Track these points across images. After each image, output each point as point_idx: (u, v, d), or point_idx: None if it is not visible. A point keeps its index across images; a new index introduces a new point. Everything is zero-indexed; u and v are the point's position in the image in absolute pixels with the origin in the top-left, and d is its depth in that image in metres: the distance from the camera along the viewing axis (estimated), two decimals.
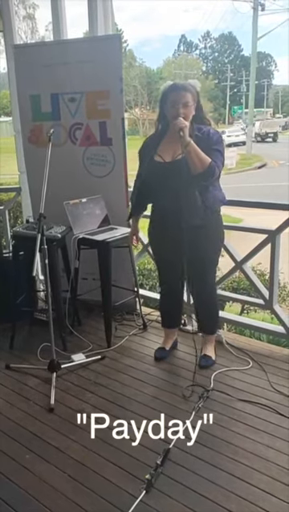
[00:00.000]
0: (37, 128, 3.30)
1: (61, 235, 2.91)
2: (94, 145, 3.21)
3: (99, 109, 3.13)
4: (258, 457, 2.03)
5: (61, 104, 3.20)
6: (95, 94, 3.11)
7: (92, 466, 2.01)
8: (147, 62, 66.09)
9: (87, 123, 3.19)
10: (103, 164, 3.22)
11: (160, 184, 2.48)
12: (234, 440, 2.14)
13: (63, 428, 2.25)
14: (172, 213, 2.48)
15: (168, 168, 2.44)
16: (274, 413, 2.31)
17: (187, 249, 2.47)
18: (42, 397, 2.49)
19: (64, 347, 2.95)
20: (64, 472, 1.98)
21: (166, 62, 45.60)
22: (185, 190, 2.40)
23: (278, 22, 52.54)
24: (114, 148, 3.17)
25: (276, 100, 52.43)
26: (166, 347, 2.90)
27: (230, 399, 2.43)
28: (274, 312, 2.94)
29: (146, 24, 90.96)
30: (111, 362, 2.84)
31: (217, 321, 2.88)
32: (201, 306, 2.84)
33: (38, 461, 2.05)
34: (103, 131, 3.16)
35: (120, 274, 3.24)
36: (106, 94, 3.08)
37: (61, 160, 3.12)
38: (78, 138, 3.24)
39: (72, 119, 3.21)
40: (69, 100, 3.17)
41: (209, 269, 2.68)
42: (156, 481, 1.89)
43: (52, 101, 3.20)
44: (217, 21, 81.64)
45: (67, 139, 3.25)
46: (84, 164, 3.27)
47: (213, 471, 1.96)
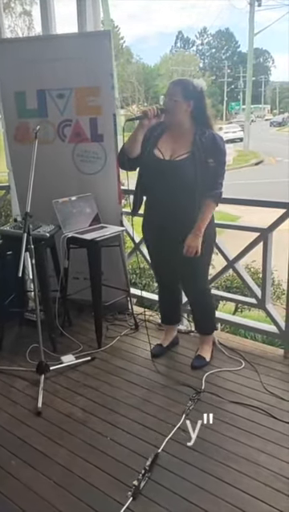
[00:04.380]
0: (22, 126, 3.22)
1: (49, 234, 2.85)
2: (84, 142, 3.15)
3: (89, 105, 3.06)
4: (249, 462, 1.98)
5: (48, 101, 3.13)
6: (84, 90, 3.05)
7: (79, 472, 1.96)
8: (144, 58, 65.78)
9: (77, 120, 3.12)
10: (94, 160, 3.16)
11: (156, 180, 2.42)
12: (225, 443, 2.09)
13: (50, 433, 2.20)
14: (166, 212, 2.44)
15: (166, 165, 2.39)
16: (266, 416, 2.26)
17: (176, 250, 2.44)
18: (30, 400, 2.44)
19: (54, 348, 2.90)
20: (50, 478, 1.93)
21: (163, 58, 45.33)
22: (180, 191, 2.37)
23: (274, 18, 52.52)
24: (105, 144, 3.11)
25: (273, 96, 52.27)
26: (164, 344, 2.86)
27: (222, 401, 2.38)
28: (266, 311, 2.89)
29: (143, 21, 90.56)
30: (102, 363, 2.79)
31: (213, 322, 2.83)
32: (195, 306, 2.79)
33: (24, 468, 2.00)
34: (93, 127, 3.10)
35: (112, 273, 3.19)
36: (96, 90, 3.02)
37: (50, 157, 3.07)
38: (67, 135, 3.18)
39: (61, 116, 3.14)
40: (57, 97, 3.10)
41: (201, 269, 2.63)
42: (143, 488, 1.85)
43: (38, 98, 3.13)
44: (214, 17, 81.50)
45: (55, 136, 3.19)
46: (74, 161, 3.20)
47: (202, 476, 1.91)
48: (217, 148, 2.38)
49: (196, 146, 2.34)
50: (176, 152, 2.39)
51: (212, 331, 2.80)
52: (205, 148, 2.34)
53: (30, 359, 2.79)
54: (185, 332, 3.09)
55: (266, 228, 2.76)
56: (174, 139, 2.41)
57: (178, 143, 2.39)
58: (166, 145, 2.42)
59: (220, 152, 2.39)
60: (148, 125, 2.38)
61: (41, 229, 2.85)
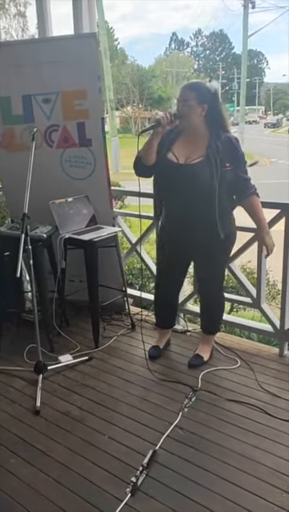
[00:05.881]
0: (8, 132, 3.17)
1: (47, 235, 2.87)
2: (72, 147, 3.11)
3: (76, 109, 3.02)
4: (245, 458, 2.01)
5: (34, 106, 3.06)
6: (71, 94, 3.00)
7: (77, 469, 1.98)
8: (138, 60, 65.94)
9: (64, 125, 3.08)
10: (83, 166, 3.13)
11: (172, 185, 2.41)
12: (221, 440, 2.12)
13: (49, 431, 2.22)
14: (184, 220, 2.44)
15: (181, 170, 2.38)
16: (262, 413, 2.30)
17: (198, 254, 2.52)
18: (28, 399, 2.46)
19: (51, 348, 2.92)
20: (49, 476, 1.95)
21: (158, 60, 45.43)
22: (197, 196, 2.37)
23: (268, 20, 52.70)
24: (94, 148, 3.08)
25: (268, 98, 52.53)
26: (160, 346, 2.88)
27: (218, 399, 2.41)
28: (261, 311, 2.93)
29: (137, 22, 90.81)
30: (99, 363, 2.81)
31: (220, 323, 2.87)
32: (208, 307, 2.80)
33: (23, 465, 2.02)
34: (81, 132, 3.06)
35: (108, 273, 3.21)
36: (83, 93, 2.98)
37: (37, 163, 2.86)
38: (54, 140, 3.12)
39: (47, 121, 3.09)
40: (43, 101, 3.05)
41: (222, 269, 2.68)
42: (141, 484, 1.87)
43: (24, 103, 3.07)
44: (208, 19, 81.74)
45: (42, 142, 3.12)
46: (63, 166, 3.17)
47: (200, 472, 1.94)
48: (234, 151, 2.40)
49: (211, 150, 2.34)
50: (190, 156, 2.38)
51: (216, 332, 2.83)
52: (222, 153, 2.34)
53: (28, 359, 2.80)
54: (181, 332, 3.12)
55: None
56: (189, 143, 2.40)
57: (193, 147, 2.38)
58: (181, 149, 2.41)
59: (237, 154, 2.41)
60: (162, 132, 2.36)
61: (38, 230, 2.87)
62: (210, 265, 2.59)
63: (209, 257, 2.55)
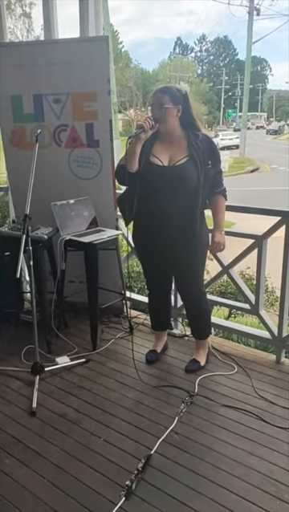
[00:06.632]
0: (19, 130, 3.23)
1: (47, 236, 2.88)
2: (80, 147, 3.17)
3: (85, 111, 3.08)
4: (240, 464, 2.02)
5: (45, 105, 3.13)
6: (81, 95, 3.06)
7: (72, 472, 1.98)
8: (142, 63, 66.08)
9: (73, 125, 3.14)
10: (90, 166, 3.18)
11: (157, 188, 2.42)
12: (216, 446, 2.12)
13: (45, 433, 2.22)
14: (163, 220, 2.45)
15: (167, 171, 2.40)
16: (257, 419, 2.30)
17: (173, 256, 2.51)
18: (25, 400, 2.46)
19: (49, 350, 2.93)
20: (44, 477, 1.95)
21: (162, 64, 45.67)
22: (183, 196, 2.39)
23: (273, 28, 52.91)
24: (101, 150, 3.13)
25: (270, 104, 52.72)
26: (157, 350, 2.89)
27: (214, 404, 2.42)
28: (260, 317, 2.94)
29: (142, 26, 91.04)
30: (96, 365, 2.82)
31: (209, 326, 2.87)
32: (192, 311, 2.81)
33: (18, 466, 2.02)
34: (89, 133, 3.12)
35: (108, 276, 3.22)
36: (93, 95, 3.04)
37: (45, 162, 3.03)
38: (63, 140, 3.18)
39: (57, 120, 3.15)
40: (53, 101, 3.11)
41: (199, 271, 2.67)
42: (136, 488, 1.88)
43: (35, 102, 3.14)
44: (213, 24, 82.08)
45: (51, 141, 3.19)
46: (70, 166, 3.22)
47: (194, 478, 1.95)
48: (214, 150, 2.47)
49: (193, 149, 2.38)
50: (174, 157, 2.41)
51: (207, 336, 2.84)
52: (203, 151, 2.39)
53: (26, 359, 2.81)
54: (179, 336, 3.13)
55: (260, 235, 2.81)
56: (168, 145, 2.43)
57: (174, 148, 2.42)
58: (162, 152, 2.44)
59: (216, 152, 2.48)
60: (145, 138, 2.38)
61: (39, 231, 2.88)
62: (190, 265, 2.57)
63: (187, 257, 2.53)
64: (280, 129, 40.03)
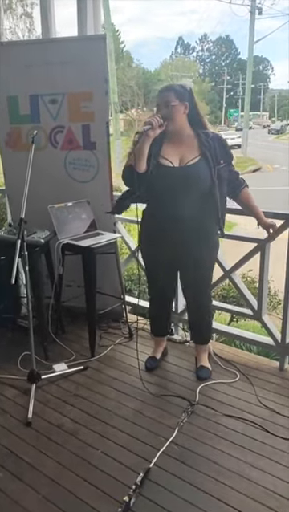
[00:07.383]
0: (14, 132, 3.15)
1: (44, 240, 2.81)
2: (76, 149, 3.08)
3: (82, 111, 2.99)
4: (241, 477, 1.94)
5: (41, 106, 3.05)
6: (77, 95, 2.97)
7: (67, 486, 1.91)
8: (144, 63, 66.05)
9: (69, 127, 3.05)
10: (86, 168, 3.10)
11: (168, 191, 2.32)
12: (217, 458, 2.05)
13: (39, 444, 2.15)
14: (175, 223, 2.36)
15: (178, 173, 2.31)
16: (260, 430, 2.22)
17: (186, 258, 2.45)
18: (20, 410, 2.39)
19: (46, 356, 2.85)
20: (38, 492, 1.88)
21: (163, 63, 45.50)
22: (198, 197, 2.32)
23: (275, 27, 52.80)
24: (98, 152, 3.04)
25: (272, 104, 52.56)
26: (157, 356, 2.81)
27: (215, 414, 2.34)
28: (262, 323, 2.86)
29: (143, 25, 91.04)
30: (94, 373, 2.74)
31: (211, 330, 2.80)
32: (196, 315, 2.73)
33: (11, 480, 1.95)
34: (86, 134, 3.03)
35: (106, 280, 3.15)
36: (89, 95, 2.95)
37: (41, 165, 2.92)
38: (59, 142, 3.10)
39: (53, 121, 3.07)
40: (49, 102, 3.03)
41: (210, 274, 2.61)
42: (134, 504, 1.80)
43: (31, 103, 3.06)
44: (215, 24, 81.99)
45: (47, 143, 3.11)
46: (66, 168, 3.14)
47: (195, 492, 1.87)
48: (226, 148, 2.40)
49: (205, 148, 2.30)
50: (185, 157, 2.32)
51: (208, 340, 2.77)
52: (215, 150, 2.32)
53: (22, 366, 2.74)
54: (179, 342, 3.05)
55: (263, 239, 2.73)
56: (177, 145, 2.34)
57: (183, 148, 2.33)
58: (171, 153, 2.34)
59: (228, 150, 2.42)
60: (153, 136, 2.26)
61: (35, 235, 2.81)
62: (199, 268, 2.50)
63: (199, 260, 2.47)
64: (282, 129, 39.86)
